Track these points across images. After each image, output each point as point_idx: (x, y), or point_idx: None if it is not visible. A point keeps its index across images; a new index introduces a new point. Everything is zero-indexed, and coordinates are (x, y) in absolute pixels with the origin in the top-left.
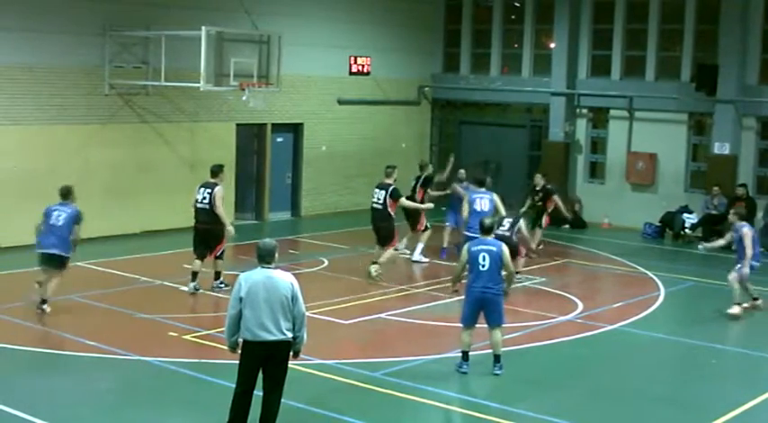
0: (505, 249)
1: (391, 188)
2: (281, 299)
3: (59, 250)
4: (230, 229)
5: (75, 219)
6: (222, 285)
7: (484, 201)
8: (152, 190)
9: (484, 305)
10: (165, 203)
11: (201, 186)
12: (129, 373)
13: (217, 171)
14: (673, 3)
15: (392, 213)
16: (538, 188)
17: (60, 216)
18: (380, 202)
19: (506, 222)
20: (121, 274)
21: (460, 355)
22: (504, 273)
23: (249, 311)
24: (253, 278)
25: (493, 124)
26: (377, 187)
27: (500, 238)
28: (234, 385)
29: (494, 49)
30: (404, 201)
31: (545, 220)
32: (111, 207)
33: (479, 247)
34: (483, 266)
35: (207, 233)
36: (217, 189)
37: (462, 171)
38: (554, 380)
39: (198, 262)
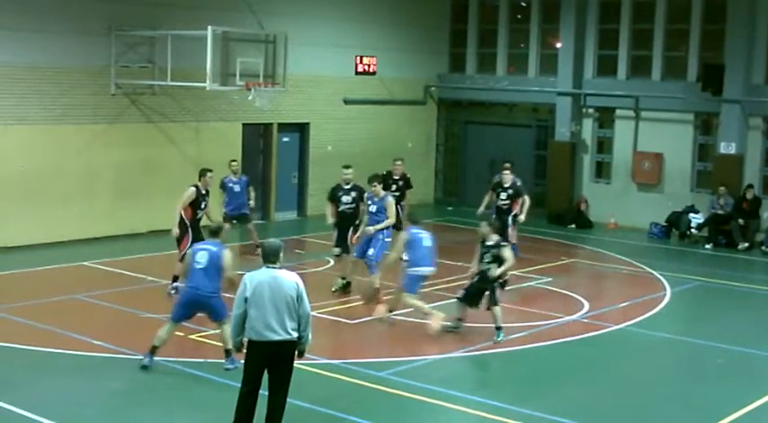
0: (225, 253)
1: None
2: (286, 298)
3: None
4: (175, 231)
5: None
6: (173, 292)
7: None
8: (158, 189)
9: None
10: (172, 203)
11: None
12: (136, 372)
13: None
14: (679, 2)
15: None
16: (507, 185)
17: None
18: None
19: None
20: (128, 273)
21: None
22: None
23: (254, 311)
24: (258, 278)
25: (499, 124)
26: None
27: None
28: (239, 385)
29: (500, 49)
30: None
31: (510, 228)
32: (117, 207)
33: (200, 247)
34: (199, 265)
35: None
36: (190, 189)
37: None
38: (560, 379)
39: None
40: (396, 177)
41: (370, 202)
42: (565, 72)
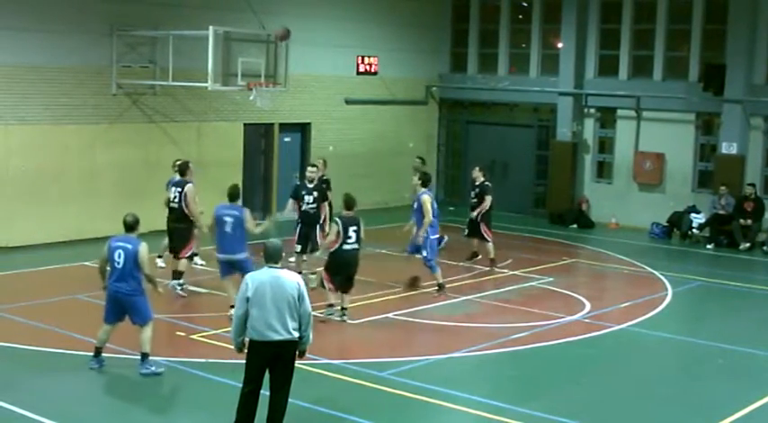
0: (141, 249)
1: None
2: (287, 298)
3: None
4: (201, 226)
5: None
6: (179, 287)
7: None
8: (160, 189)
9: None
10: None
11: (172, 185)
12: (135, 372)
13: (184, 169)
14: (680, 2)
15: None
16: (477, 184)
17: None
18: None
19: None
20: None
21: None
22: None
23: (256, 311)
24: (260, 278)
25: (500, 124)
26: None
27: None
28: (240, 385)
29: (501, 49)
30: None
31: (482, 226)
32: (118, 207)
33: (116, 244)
34: (118, 264)
35: (175, 232)
36: (188, 187)
37: None
38: (561, 380)
39: (177, 261)
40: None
41: (414, 200)
42: (566, 72)
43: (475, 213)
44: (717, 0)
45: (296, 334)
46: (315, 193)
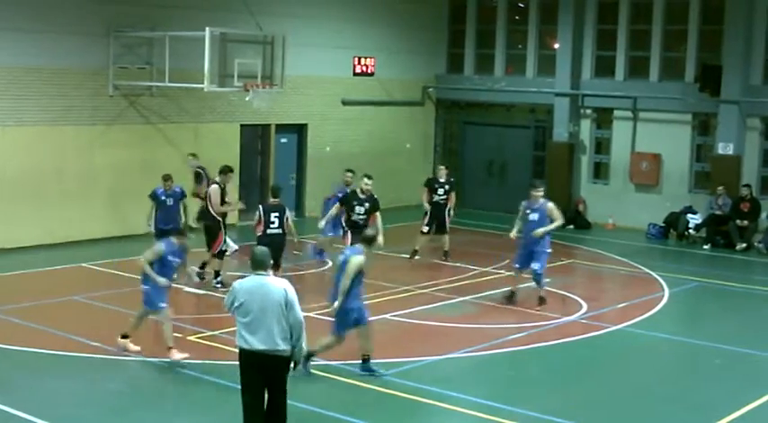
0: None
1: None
2: (274, 307)
3: None
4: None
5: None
6: (218, 285)
7: None
8: None
9: None
10: None
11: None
12: (133, 373)
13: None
14: (677, 3)
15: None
16: (442, 180)
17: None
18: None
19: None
20: (126, 274)
21: None
22: None
23: (242, 320)
24: (246, 286)
25: (497, 125)
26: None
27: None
28: (238, 386)
29: (498, 50)
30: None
31: (447, 220)
32: (116, 208)
33: None
34: None
35: (204, 230)
36: (211, 188)
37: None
38: (559, 380)
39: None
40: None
41: (529, 211)
42: (563, 73)
43: (448, 209)
44: (713, 1)
45: (284, 345)
46: (367, 205)
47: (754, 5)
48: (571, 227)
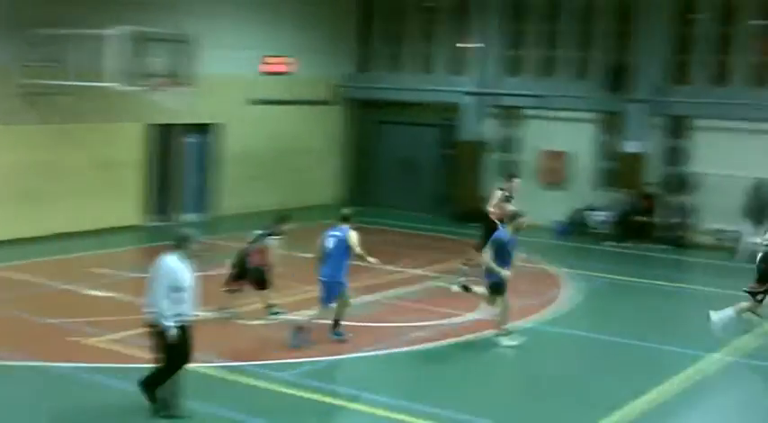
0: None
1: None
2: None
3: None
4: None
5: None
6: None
7: None
8: (63, 192)
9: None
10: (76, 206)
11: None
12: (30, 379)
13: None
14: (586, 3)
15: None
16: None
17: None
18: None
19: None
20: (28, 278)
21: None
22: None
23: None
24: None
25: (406, 123)
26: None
27: None
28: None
29: (408, 49)
30: None
31: None
32: (19, 209)
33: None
34: None
35: None
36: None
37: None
38: (469, 378)
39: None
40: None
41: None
42: (473, 71)
43: None
44: (622, 1)
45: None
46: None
47: (661, 6)
48: (480, 225)
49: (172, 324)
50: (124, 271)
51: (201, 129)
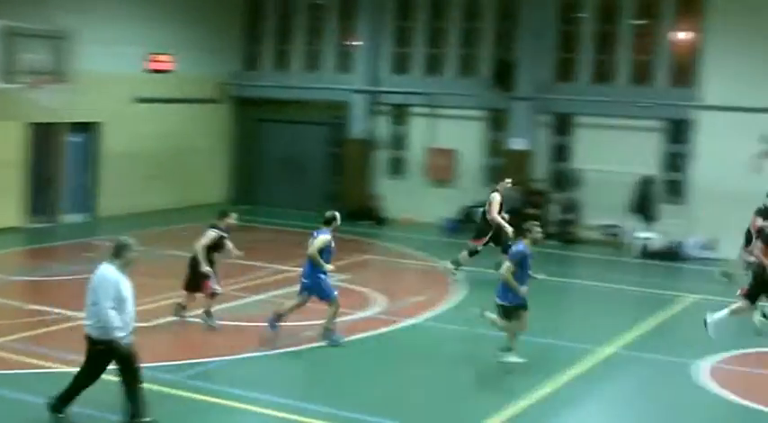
0: None
1: None
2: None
3: None
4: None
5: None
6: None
7: None
8: None
9: None
10: None
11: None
12: None
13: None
14: (473, 1)
15: None
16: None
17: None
18: None
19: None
20: None
21: None
22: None
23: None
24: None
25: (294, 122)
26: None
27: None
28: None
29: (295, 46)
30: None
31: None
32: None
33: None
34: None
35: None
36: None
37: None
38: (361, 376)
39: None
40: None
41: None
42: (361, 69)
43: None
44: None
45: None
46: None
47: (547, 4)
48: (369, 222)
49: (123, 334)
50: (4, 274)
51: (84, 127)
